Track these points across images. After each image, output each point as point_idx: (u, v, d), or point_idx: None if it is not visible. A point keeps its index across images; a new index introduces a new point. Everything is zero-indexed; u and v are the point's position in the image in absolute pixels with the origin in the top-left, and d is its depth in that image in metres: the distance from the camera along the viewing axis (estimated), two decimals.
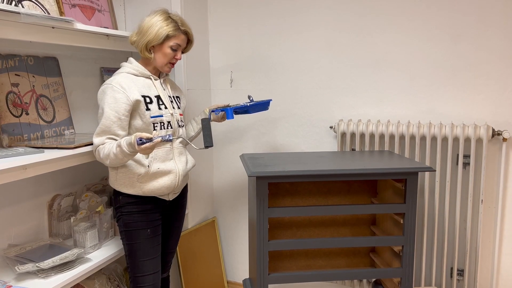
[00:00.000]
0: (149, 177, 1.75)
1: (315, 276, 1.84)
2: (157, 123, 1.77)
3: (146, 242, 1.78)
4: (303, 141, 2.49)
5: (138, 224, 1.77)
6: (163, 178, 1.78)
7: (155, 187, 1.77)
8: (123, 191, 1.77)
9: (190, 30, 1.84)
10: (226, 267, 2.80)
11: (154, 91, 1.80)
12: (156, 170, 1.76)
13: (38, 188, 1.92)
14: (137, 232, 1.77)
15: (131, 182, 1.75)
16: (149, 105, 1.76)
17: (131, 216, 1.77)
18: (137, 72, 1.79)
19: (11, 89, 1.74)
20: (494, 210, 2.14)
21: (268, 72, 2.51)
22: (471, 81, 2.11)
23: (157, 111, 1.78)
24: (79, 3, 1.92)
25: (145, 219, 1.78)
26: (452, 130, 2.07)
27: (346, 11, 2.29)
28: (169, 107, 1.83)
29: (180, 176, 1.84)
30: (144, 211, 1.78)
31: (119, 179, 1.76)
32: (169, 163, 1.81)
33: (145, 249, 1.78)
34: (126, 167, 1.74)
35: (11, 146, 1.68)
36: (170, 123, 1.82)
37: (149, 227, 1.79)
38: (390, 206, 1.82)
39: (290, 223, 2.10)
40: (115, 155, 1.63)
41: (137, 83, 1.76)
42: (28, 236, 1.88)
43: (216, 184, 2.76)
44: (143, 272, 1.79)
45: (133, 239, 1.78)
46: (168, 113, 1.82)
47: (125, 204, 1.78)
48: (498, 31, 2.04)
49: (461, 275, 2.18)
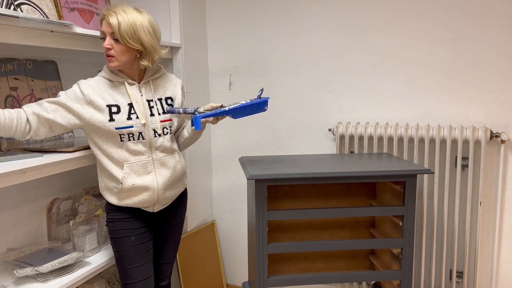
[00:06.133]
0: (125, 193, 1.66)
1: (315, 279, 1.84)
2: (124, 135, 1.62)
3: (131, 249, 1.70)
4: (301, 144, 2.49)
5: (121, 231, 1.70)
6: (140, 195, 1.68)
7: (133, 202, 1.68)
8: (105, 198, 1.72)
9: (114, 11, 1.59)
10: (226, 270, 2.80)
11: (128, 99, 1.65)
12: (130, 186, 1.65)
13: (37, 192, 1.91)
14: (120, 239, 1.71)
15: (111, 192, 1.69)
16: (114, 115, 1.61)
17: (113, 223, 1.71)
18: (109, 77, 1.65)
19: (10, 93, 1.74)
20: (493, 212, 2.14)
21: (266, 75, 2.51)
22: (469, 83, 2.12)
23: (123, 122, 1.61)
24: (78, 7, 1.92)
25: (128, 226, 1.71)
26: (450, 132, 2.07)
27: (344, 15, 2.30)
28: (141, 116, 1.65)
29: (159, 191, 1.70)
30: (125, 218, 1.71)
31: (102, 187, 1.71)
32: (146, 178, 1.67)
33: (131, 256, 1.71)
34: (105, 175, 1.67)
35: (10, 150, 1.68)
36: (142, 133, 1.65)
37: (132, 235, 1.71)
38: (389, 209, 1.82)
39: (289, 225, 2.10)
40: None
41: (108, 90, 1.63)
42: (27, 240, 1.87)
43: (215, 187, 2.76)
44: (132, 279, 1.72)
45: (118, 246, 1.71)
46: (140, 124, 1.64)
47: (109, 210, 1.73)
48: (495, 33, 2.05)
49: (460, 277, 2.18)
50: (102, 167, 1.67)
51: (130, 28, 1.58)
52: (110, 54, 1.60)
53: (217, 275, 2.67)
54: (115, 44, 1.60)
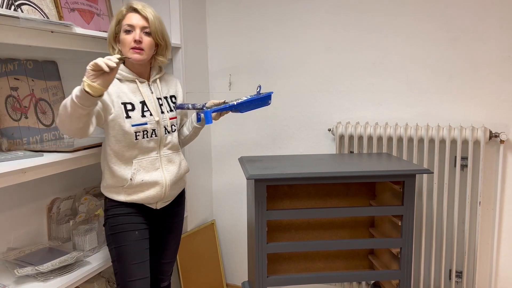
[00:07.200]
0: (133, 189, 1.69)
1: (314, 279, 1.84)
2: (139, 132, 1.66)
3: (135, 244, 1.69)
4: (301, 143, 2.50)
5: (124, 226, 1.69)
6: (148, 190, 1.70)
7: (140, 197, 1.70)
8: (108, 195, 1.72)
9: (143, 6, 1.66)
10: (225, 269, 2.80)
11: (139, 97, 1.69)
12: (140, 182, 1.68)
13: (37, 192, 1.92)
14: (124, 234, 1.69)
15: (117, 190, 1.69)
16: (130, 112, 1.65)
17: (116, 219, 1.70)
18: (120, 76, 1.67)
19: (10, 93, 1.74)
20: (492, 212, 2.15)
21: (266, 75, 2.52)
22: (469, 83, 2.12)
23: (139, 119, 1.66)
24: (78, 7, 1.93)
25: (131, 220, 1.71)
26: (449, 132, 2.08)
27: (344, 14, 2.30)
28: (155, 113, 1.70)
29: (167, 186, 1.74)
30: (129, 213, 1.71)
31: (107, 186, 1.71)
32: (155, 174, 1.71)
33: (134, 252, 1.69)
34: (112, 175, 1.68)
35: (10, 150, 1.68)
36: (155, 131, 1.70)
37: (136, 229, 1.71)
38: (388, 208, 1.83)
39: (289, 225, 2.11)
40: (65, 105, 1.44)
41: (120, 89, 1.66)
42: (27, 239, 1.88)
43: (215, 187, 2.76)
44: (133, 276, 1.68)
45: (120, 241, 1.69)
46: (153, 121, 1.69)
47: (111, 207, 1.72)
48: (495, 33, 2.05)
49: (459, 277, 2.18)
50: (109, 167, 1.68)
51: (160, 23, 1.69)
52: (142, 47, 1.64)
53: (217, 275, 2.68)
54: (145, 38, 1.65)
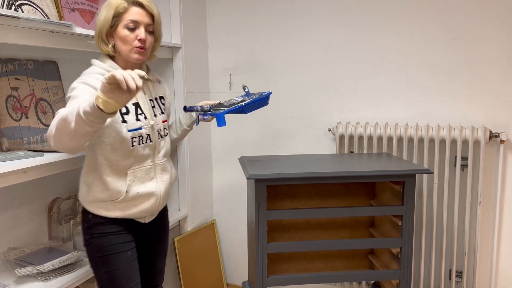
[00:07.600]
0: (126, 203, 1.51)
1: (314, 279, 1.84)
2: (135, 138, 1.48)
3: (128, 267, 1.52)
4: (301, 143, 2.50)
5: (115, 246, 1.50)
6: (142, 204, 1.54)
7: (132, 212, 1.53)
8: (94, 211, 1.50)
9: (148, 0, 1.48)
10: (226, 269, 2.80)
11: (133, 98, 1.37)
12: (135, 195, 1.50)
13: (38, 192, 1.92)
14: (116, 256, 1.50)
15: (107, 205, 1.50)
16: (125, 116, 1.46)
17: (105, 238, 1.49)
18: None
19: (11, 93, 1.75)
20: (492, 212, 2.15)
21: (266, 75, 2.52)
22: (469, 83, 2.12)
23: (134, 123, 1.48)
24: (79, 8, 1.93)
25: (123, 239, 1.52)
26: (449, 132, 2.08)
27: (344, 15, 2.30)
28: (149, 116, 1.53)
29: (161, 198, 1.59)
30: (119, 231, 1.52)
31: (94, 200, 1.50)
32: (150, 184, 1.55)
33: (128, 275, 1.51)
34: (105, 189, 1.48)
35: (11, 150, 1.68)
36: (150, 136, 1.53)
37: (128, 249, 1.53)
38: (388, 208, 1.83)
39: (289, 225, 2.11)
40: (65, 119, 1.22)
41: None
42: (27, 239, 1.88)
43: (215, 187, 2.77)
44: None
45: (113, 264, 1.50)
46: (148, 125, 1.52)
47: (96, 224, 1.50)
48: (495, 33, 2.05)
49: (459, 277, 2.19)
50: (102, 179, 1.49)
51: (160, 20, 1.54)
52: (146, 46, 1.48)
53: (217, 275, 2.68)
54: (148, 37, 1.49)
